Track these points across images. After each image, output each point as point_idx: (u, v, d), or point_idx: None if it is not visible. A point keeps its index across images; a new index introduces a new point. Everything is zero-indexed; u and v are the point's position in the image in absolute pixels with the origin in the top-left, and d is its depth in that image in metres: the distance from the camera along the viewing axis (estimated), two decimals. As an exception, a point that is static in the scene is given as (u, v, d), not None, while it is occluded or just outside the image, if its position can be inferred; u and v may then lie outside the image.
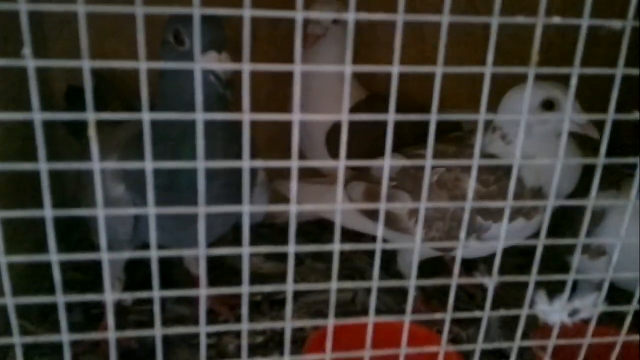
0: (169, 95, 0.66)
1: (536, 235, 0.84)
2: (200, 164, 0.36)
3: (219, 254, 0.37)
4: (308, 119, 0.36)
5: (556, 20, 0.35)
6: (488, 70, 0.34)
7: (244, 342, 0.40)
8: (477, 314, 0.39)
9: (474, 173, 0.39)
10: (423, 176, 0.85)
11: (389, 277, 0.96)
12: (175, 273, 0.98)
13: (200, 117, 0.35)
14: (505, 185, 0.81)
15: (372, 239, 0.95)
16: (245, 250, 0.38)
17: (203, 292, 0.39)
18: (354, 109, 0.97)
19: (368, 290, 0.96)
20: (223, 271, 0.99)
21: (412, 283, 0.38)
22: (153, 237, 0.38)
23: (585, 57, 0.37)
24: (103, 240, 0.38)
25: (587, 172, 0.85)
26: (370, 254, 1.07)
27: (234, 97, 0.63)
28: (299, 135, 1.23)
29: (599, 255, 0.80)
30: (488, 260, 0.85)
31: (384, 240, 0.82)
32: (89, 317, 0.88)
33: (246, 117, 0.35)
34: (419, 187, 0.86)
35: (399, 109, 0.37)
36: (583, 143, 0.85)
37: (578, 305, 0.39)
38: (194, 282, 0.94)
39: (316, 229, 1.11)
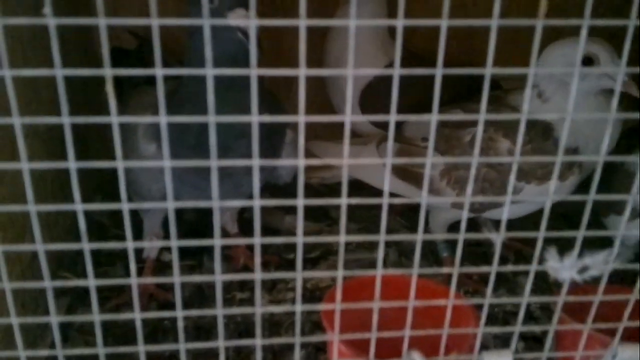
0: (197, 53, 0.67)
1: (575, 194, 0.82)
2: (211, 119, 0.37)
3: (231, 206, 0.39)
4: (314, 74, 0.37)
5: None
6: (494, 23, 0.33)
7: (258, 292, 0.42)
8: (484, 269, 0.39)
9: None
10: (456, 136, 0.85)
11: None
12: (212, 232, 1.01)
13: (210, 72, 0.36)
14: (539, 145, 0.80)
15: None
16: (256, 203, 0.40)
17: (218, 242, 0.41)
18: (388, 67, 0.96)
19: (399, 250, 0.97)
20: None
21: (419, 238, 0.39)
22: (169, 189, 0.39)
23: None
24: (123, 192, 0.40)
25: (628, 132, 0.82)
26: (402, 214, 1.08)
27: (262, 54, 0.64)
28: (333, 94, 1.21)
29: (634, 217, 0.78)
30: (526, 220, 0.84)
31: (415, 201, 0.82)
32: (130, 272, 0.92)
33: (253, 72, 0.35)
34: (452, 147, 0.86)
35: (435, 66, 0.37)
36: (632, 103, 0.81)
37: (588, 262, 0.38)
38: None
39: (352, 189, 1.12)
